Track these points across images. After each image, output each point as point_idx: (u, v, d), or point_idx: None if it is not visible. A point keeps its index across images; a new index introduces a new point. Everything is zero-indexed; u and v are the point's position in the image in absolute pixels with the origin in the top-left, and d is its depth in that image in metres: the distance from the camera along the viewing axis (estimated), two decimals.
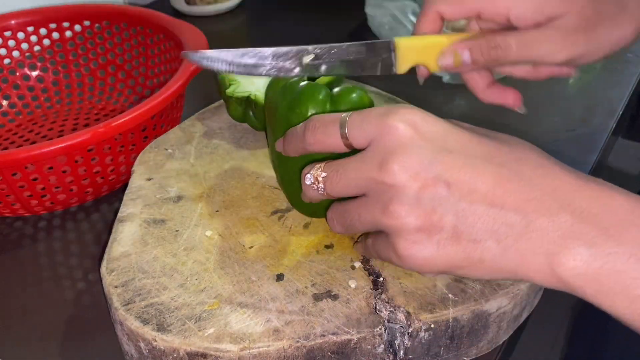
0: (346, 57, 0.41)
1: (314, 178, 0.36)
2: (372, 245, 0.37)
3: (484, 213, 0.31)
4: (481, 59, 0.40)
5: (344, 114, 0.35)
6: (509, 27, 0.40)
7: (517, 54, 0.39)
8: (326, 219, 0.39)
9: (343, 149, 0.35)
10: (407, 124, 0.32)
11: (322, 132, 0.35)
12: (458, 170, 0.31)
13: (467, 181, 0.31)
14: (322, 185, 0.36)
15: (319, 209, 0.42)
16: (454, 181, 0.31)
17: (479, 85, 0.45)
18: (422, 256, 0.32)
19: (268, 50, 0.41)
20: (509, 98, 0.44)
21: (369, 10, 0.81)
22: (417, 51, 0.40)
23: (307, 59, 0.40)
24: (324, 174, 0.35)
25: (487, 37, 0.40)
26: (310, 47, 0.41)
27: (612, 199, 0.31)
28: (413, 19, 0.74)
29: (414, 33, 0.43)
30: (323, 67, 0.41)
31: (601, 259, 0.29)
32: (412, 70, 0.80)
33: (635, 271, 0.29)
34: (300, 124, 0.38)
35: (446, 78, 0.74)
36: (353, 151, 0.35)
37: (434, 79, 0.75)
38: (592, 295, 0.30)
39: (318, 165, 0.36)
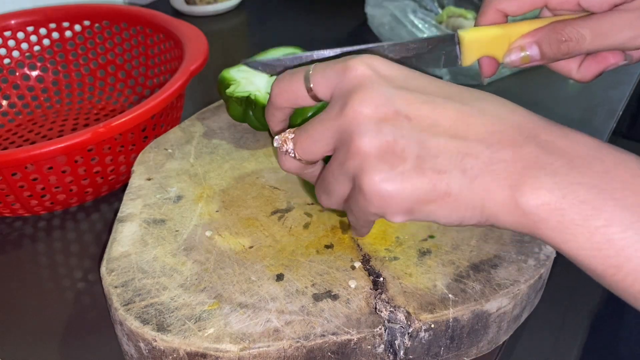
0: (407, 54, 0.40)
1: (282, 140, 0.35)
2: (346, 203, 0.36)
3: (447, 143, 0.31)
4: (551, 54, 0.38)
5: (305, 69, 0.35)
6: (582, 12, 0.38)
7: (591, 44, 0.37)
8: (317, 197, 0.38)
9: (309, 101, 0.35)
10: (367, 65, 0.32)
11: (288, 81, 0.35)
12: (419, 106, 0.31)
13: (429, 116, 0.31)
14: (292, 147, 0.35)
15: None
16: (415, 115, 0.31)
17: (572, 67, 0.42)
18: (386, 190, 0.31)
19: (326, 52, 0.41)
20: (610, 60, 0.40)
21: (369, 10, 0.81)
22: (483, 44, 0.38)
23: None
24: (292, 135, 0.35)
25: (557, 29, 0.37)
26: (371, 45, 0.40)
27: (578, 136, 0.31)
28: (413, 18, 0.74)
29: (476, 25, 0.41)
30: None
31: (565, 189, 0.29)
32: None
33: (597, 202, 0.28)
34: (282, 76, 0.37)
35: (446, 78, 0.74)
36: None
37: None
38: (553, 229, 0.29)
39: (289, 130, 0.36)
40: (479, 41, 0.38)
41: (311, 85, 0.34)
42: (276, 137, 0.36)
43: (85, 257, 0.53)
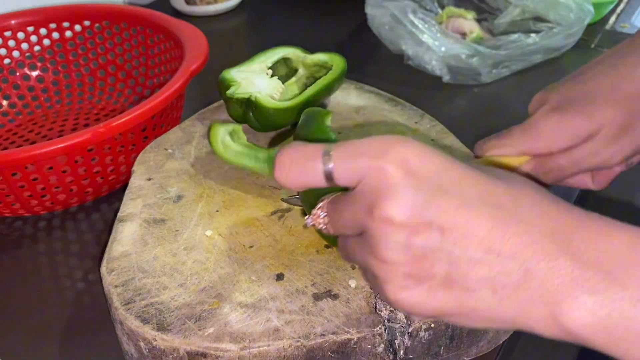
0: None
1: (314, 219, 0.35)
2: (364, 278, 0.35)
3: (479, 260, 0.29)
4: (542, 181, 0.43)
5: (325, 147, 0.32)
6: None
7: (572, 169, 0.42)
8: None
9: (324, 185, 0.32)
10: (399, 164, 0.30)
11: (298, 170, 0.32)
12: (453, 213, 0.29)
13: (463, 225, 0.29)
14: (324, 226, 0.34)
15: None
16: (449, 226, 0.29)
17: (587, 181, 0.46)
18: (410, 302, 0.30)
19: None
20: (615, 170, 0.45)
21: (369, 10, 0.81)
22: None
23: None
24: (323, 214, 0.34)
25: (541, 163, 0.42)
26: None
27: (611, 237, 0.29)
28: (413, 18, 0.74)
29: (477, 155, 0.45)
30: None
31: (607, 307, 0.28)
32: (409, 71, 0.80)
33: None
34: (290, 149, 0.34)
35: (446, 78, 0.74)
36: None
37: (433, 79, 0.75)
38: (603, 346, 0.28)
39: (319, 205, 0.34)
40: None
41: (333, 173, 0.31)
42: (308, 219, 0.35)
43: (86, 256, 0.53)
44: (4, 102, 0.70)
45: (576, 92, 0.42)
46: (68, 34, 0.72)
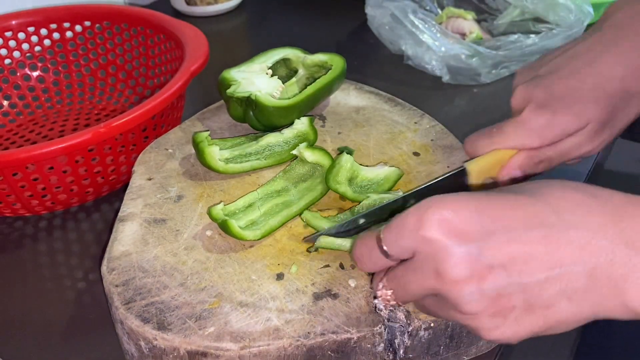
0: (428, 193, 0.41)
1: (384, 299, 0.37)
2: (437, 313, 0.37)
3: (547, 278, 0.31)
4: (531, 171, 0.46)
5: (376, 234, 0.35)
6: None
7: (559, 160, 0.46)
8: (372, 281, 0.39)
9: (392, 263, 0.35)
10: (441, 231, 0.32)
11: (370, 261, 0.36)
12: (507, 250, 0.32)
13: (520, 255, 0.32)
14: (394, 302, 0.37)
15: None
16: (508, 261, 0.32)
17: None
18: (506, 337, 0.33)
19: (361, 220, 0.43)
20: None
21: (369, 10, 0.81)
22: (484, 171, 0.46)
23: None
24: (389, 292, 0.36)
25: (531, 155, 0.45)
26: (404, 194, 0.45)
27: None
28: (413, 19, 0.74)
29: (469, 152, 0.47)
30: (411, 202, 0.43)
31: None
32: (408, 71, 0.80)
33: None
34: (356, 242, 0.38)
35: (446, 78, 0.74)
36: None
37: (433, 79, 0.75)
38: None
39: (381, 285, 0.36)
40: (482, 170, 0.45)
41: (389, 255, 0.35)
42: (377, 301, 0.37)
43: (86, 256, 0.53)
44: (5, 102, 0.70)
45: (560, 88, 0.44)
46: (69, 34, 0.72)
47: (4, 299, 0.49)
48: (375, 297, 0.37)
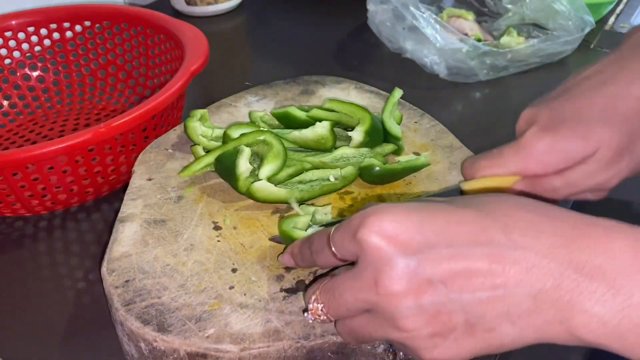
0: None
1: (314, 314, 0.35)
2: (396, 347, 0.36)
3: (489, 299, 0.30)
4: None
5: (329, 231, 0.34)
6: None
7: (566, 191, 0.40)
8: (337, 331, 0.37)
9: (343, 263, 0.35)
10: (379, 236, 0.31)
11: (322, 257, 0.35)
12: (448, 265, 0.30)
13: (461, 272, 0.30)
14: (325, 317, 0.35)
15: None
16: (448, 277, 0.30)
17: (588, 196, 0.44)
18: (445, 357, 0.31)
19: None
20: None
21: (370, 6, 0.80)
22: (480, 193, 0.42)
23: None
24: (321, 306, 0.34)
25: (535, 183, 0.41)
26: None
27: (612, 243, 0.29)
28: (414, 11, 0.74)
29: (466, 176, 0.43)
30: None
31: (617, 315, 0.28)
32: (409, 71, 0.80)
33: None
34: (303, 241, 0.38)
35: (444, 74, 0.74)
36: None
37: (433, 79, 0.75)
38: (621, 349, 0.29)
39: (313, 298, 0.35)
40: (478, 193, 0.41)
41: (337, 256, 0.34)
42: (307, 315, 0.35)
43: (86, 257, 0.53)
44: (5, 102, 0.70)
45: (566, 110, 0.40)
46: (69, 34, 0.72)
47: (4, 299, 0.49)
48: (305, 311, 0.36)
